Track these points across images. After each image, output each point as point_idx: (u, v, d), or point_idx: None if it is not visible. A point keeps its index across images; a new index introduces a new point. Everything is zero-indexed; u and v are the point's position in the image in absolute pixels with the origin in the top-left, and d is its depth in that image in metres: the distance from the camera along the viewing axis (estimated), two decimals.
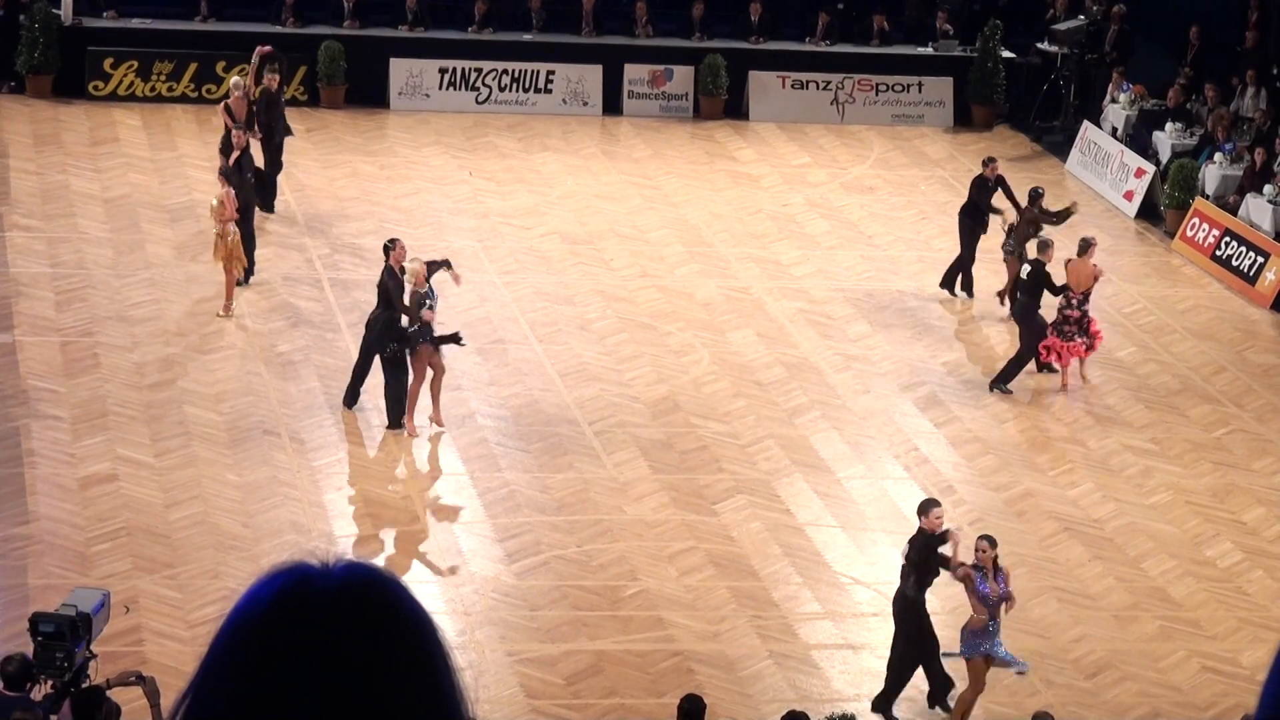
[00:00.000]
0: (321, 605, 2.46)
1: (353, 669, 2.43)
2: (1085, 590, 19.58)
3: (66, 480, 20.36)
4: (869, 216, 29.40)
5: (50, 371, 22.69)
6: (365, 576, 2.50)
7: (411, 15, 33.29)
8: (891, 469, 21.88)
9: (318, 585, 2.47)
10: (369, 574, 2.51)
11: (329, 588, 2.48)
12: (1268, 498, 21.84)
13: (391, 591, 2.51)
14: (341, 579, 2.49)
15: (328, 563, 2.51)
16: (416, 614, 2.51)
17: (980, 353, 25.17)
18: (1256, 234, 27.94)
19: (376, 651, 2.45)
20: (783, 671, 17.90)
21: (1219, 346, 25.74)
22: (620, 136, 32.41)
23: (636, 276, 26.68)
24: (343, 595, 2.47)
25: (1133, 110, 31.90)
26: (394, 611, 2.49)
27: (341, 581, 2.48)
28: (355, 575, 2.49)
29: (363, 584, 2.49)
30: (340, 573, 2.49)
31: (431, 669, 2.49)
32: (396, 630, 2.47)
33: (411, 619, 2.50)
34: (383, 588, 2.50)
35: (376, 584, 2.50)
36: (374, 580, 2.51)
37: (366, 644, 2.45)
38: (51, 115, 31.14)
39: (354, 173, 29.76)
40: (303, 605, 2.46)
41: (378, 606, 2.48)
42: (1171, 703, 17.95)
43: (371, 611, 2.47)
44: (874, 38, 34.28)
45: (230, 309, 24.30)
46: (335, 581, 2.48)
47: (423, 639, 2.49)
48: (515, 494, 20.73)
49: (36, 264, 25.64)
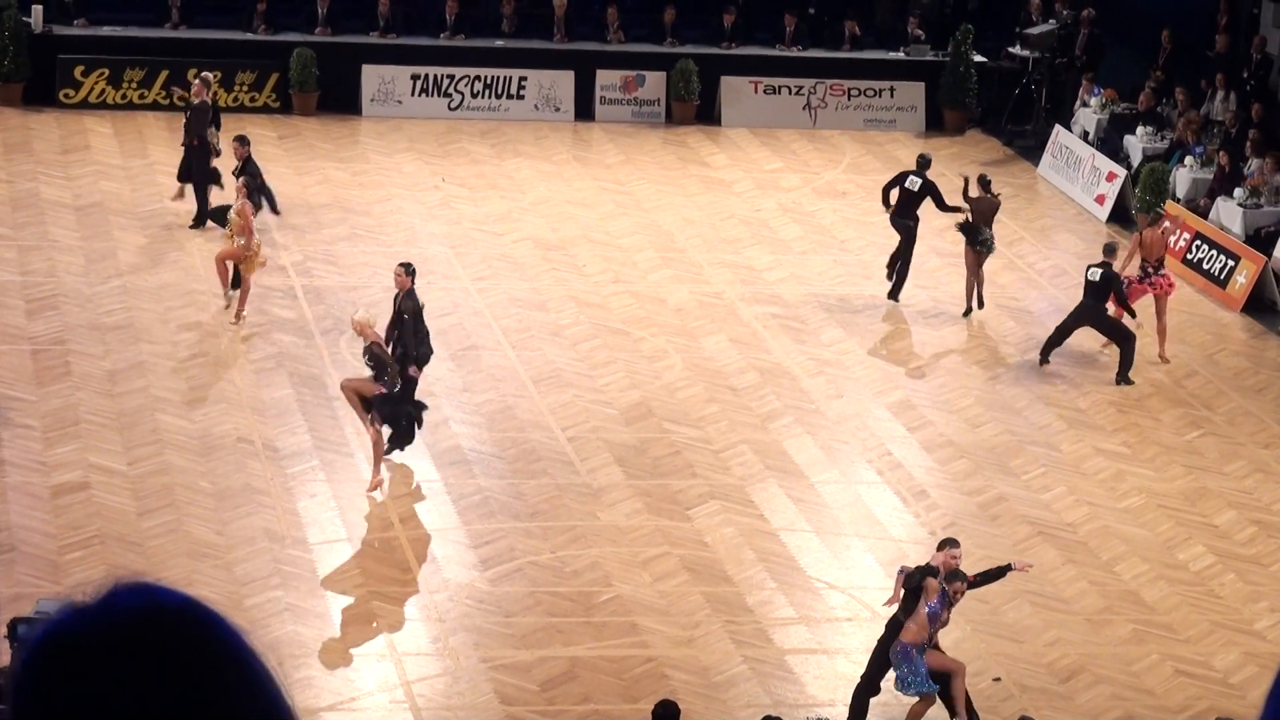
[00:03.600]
0: (96, 644, 2.38)
1: (142, 705, 2.35)
2: (1058, 594, 19.60)
3: (38, 489, 20.29)
4: (841, 221, 29.43)
5: (21, 380, 22.63)
6: (145, 603, 2.41)
7: (383, 21, 33.26)
8: (865, 474, 21.90)
9: (90, 623, 2.40)
10: (149, 599, 2.42)
11: (103, 622, 2.40)
12: (1239, 501, 21.89)
13: (176, 613, 2.42)
14: (120, 611, 2.40)
15: (100, 594, 2.43)
16: (210, 633, 2.42)
17: (953, 357, 25.20)
18: (1227, 237, 28.01)
19: (163, 683, 2.36)
20: (757, 677, 17.89)
21: (1190, 350, 25.80)
22: (592, 142, 32.42)
23: (609, 282, 26.68)
24: (119, 629, 2.39)
25: (1104, 114, 31.98)
26: (180, 635, 2.40)
27: (119, 614, 2.40)
28: (133, 605, 2.41)
29: (141, 613, 2.40)
30: (120, 602, 2.41)
31: (229, 689, 2.39)
32: (187, 655, 2.38)
33: (203, 640, 2.41)
34: (166, 611, 2.41)
35: (158, 607, 2.41)
36: (155, 604, 2.41)
37: (149, 677, 2.36)
38: (22, 123, 31.06)
39: (326, 179, 29.73)
40: (67, 648, 2.39)
41: (160, 633, 2.39)
42: (1145, 706, 17.97)
43: (151, 640, 2.39)
44: (846, 43, 34.32)
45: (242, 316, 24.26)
46: (112, 615, 2.41)
47: (218, 658, 2.40)
48: (489, 500, 20.71)
49: (7, 272, 25.57)
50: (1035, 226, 29.99)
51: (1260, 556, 20.74)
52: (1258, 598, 19.91)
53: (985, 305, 26.19)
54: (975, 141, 33.25)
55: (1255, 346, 26.22)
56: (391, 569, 19.46)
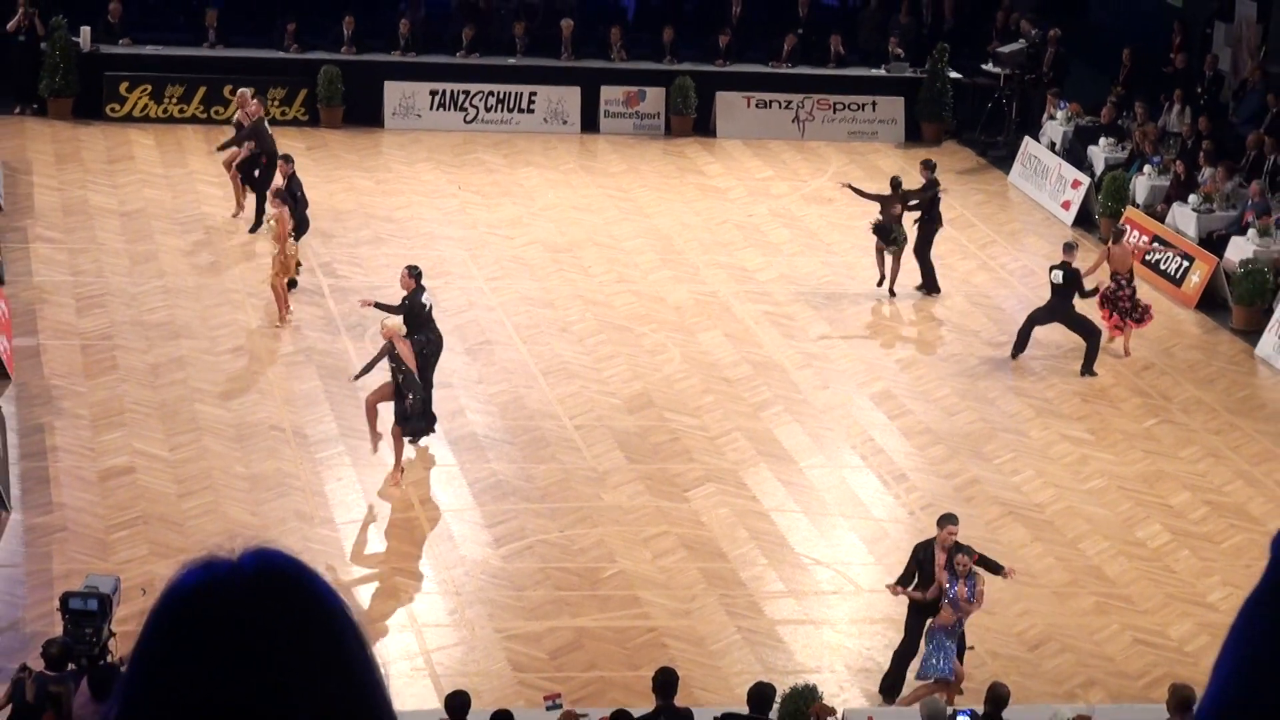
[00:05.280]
0: (232, 598, 2.40)
1: (268, 655, 2.38)
2: (1027, 569, 19.61)
3: (87, 473, 20.32)
4: (828, 226, 29.43)
5: (72, 373, 22.65)
6: (274, 565, 2.44)
7: (404, 41, 33.26)
8: (849, 458, 21.91)
9: (227, 578, 2.42)
10: (277, 562, 2.45)
11: (240, 579, 2.42)
12: (1193, 483, 21.90)
13: (299, 577, 2.45)
14: (252, 569, 2.43)
15: (238, 554, 2.45)
16: (324, 597, 2.45)
17: (930, 351, 25.22)
18: (1182, 240, 28.01)
19: (289, 636, 2.39)
20: (750, 646, 17.91)
21: (1148, 344, 25.80)
22: (597, 153, 32.41)
23: (613, 282, 26.69)
24: (254, 585, 2.42)
25: (1069, 126, 31.97)
26: (302, 597, 2.43)
27: (252, 572, 2.43)
28: (264, 564, 2.44)
29: (271, 573, 2.43)
30: (249, 563, 2.44)
31: (340, 648, 2.43)
32: (306, 615, 2.41)
33: (318, 602, 2.44)
34: (290, 574, 2.44)
35: (284, 571, 2.44)
36: (282, 568, 2.44)
37: (279, 630, 2.39)
38: (71, 135, 31.07)
39: (351, 187, 29.73)
40: (215, 598, 2.40)
41: (287, 593, 2.42)
42: (1106, 672, 18.00)
43: (281, 599, 2.41)
44: (831, 60, 34.32)
45: (287, 317, 24.19)
46: (245, 573, 2.43)
47: (330, 620, 2.44)
48: (502, 483, 20.73)
49: (58, 273, 25.59)
50: (1006, 230, 29.99)
51: (1212, 534, 20.76)
52: (1210, 573, 19.92)
53: (897, 295, 26.34)
54: (951, 152, 33.24)
55: (1208, 341, 26.23)
56: (412, 546, 19.49)
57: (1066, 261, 24.36)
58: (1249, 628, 2.33)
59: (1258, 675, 2.28)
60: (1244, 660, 2.30)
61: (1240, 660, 2.31)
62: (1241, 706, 2.28)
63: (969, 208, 30.52)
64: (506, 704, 15.55)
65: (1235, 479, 22.04)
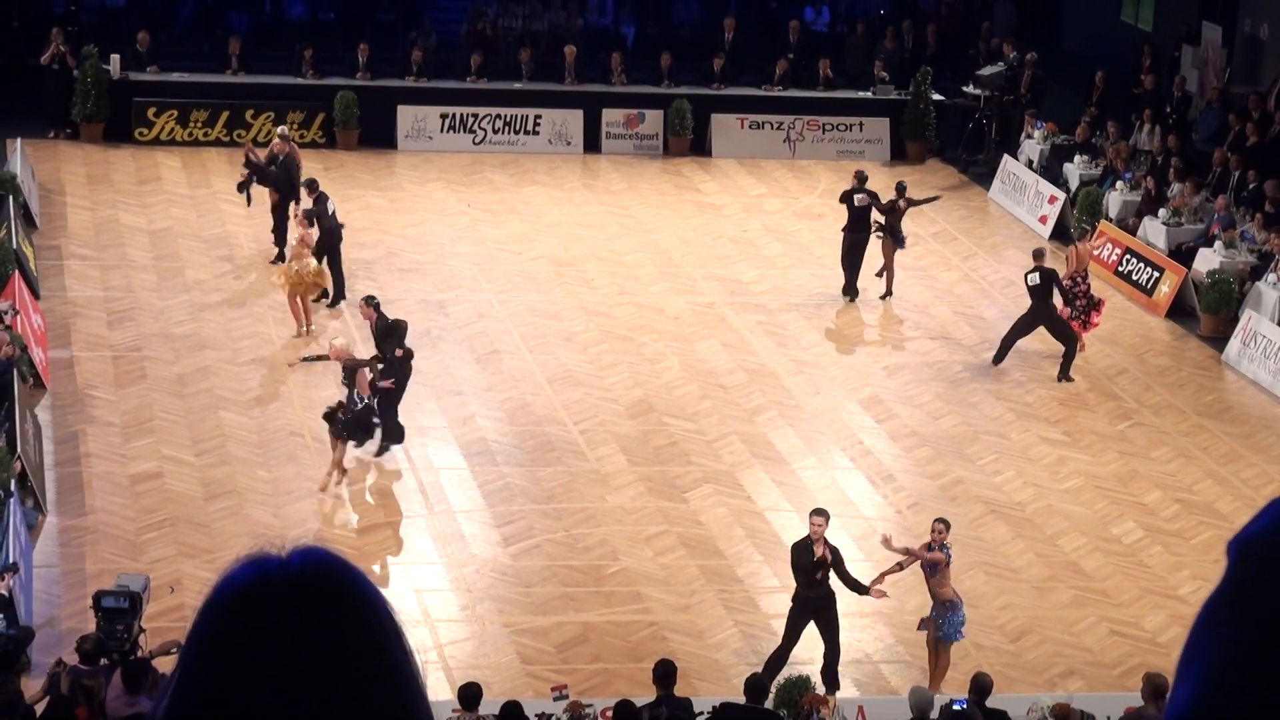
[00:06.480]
0: (281, 594, 2.37)
1: (314, 649, 2.35)
2: (1009, 564, 19.59)
3: (118, 477, 20.30)
4: (818, 240, 29.40)
5: (103, 382, 22.63)
6: (322, 563, 2.41)
7: (416, 67, 33.26)
8: (839, 460, 21.88)
9: (277, 574, 2.39)
10: (324, 560, 2.42)
11: (288, 576, 2.39)
12: (1164, 482, 21.88)
13: (345, 576, 2.42)
14: (299, 567, 2.40)
15: (285, 551, 2.42)
16: (369, 595, 2.42)
17: (915, 358, 25.18)
18: (1153, 252, 27.99)
19: (335, 631, 2.36)
20: (746, 639, 17.88)
21: (1121, 351, 25.78)
22: (599, 172, 32.39)
23: (615, 294, 26.66)
24: (302, 581, 2.38)
25: (1046, 145, 31.95)
26: (348, 595, 2.39)
27: (299, 569, 2.40)
28: (312, 562, 2.40)
29: (318, 570, 2.42)
30: (298, 561, 2.41)
31: (382, 645, 2.39)
32: (351, 612, 2.38)
33: (363, 600, 2.41)
34: (337, 572, 2.41)
35: (331, 569, 2.41)
36: (329, 566, 2.41)
37: (325, 625, 2.36)
38: (102, 158, 31.06)
39: (366, 206, 29.71)
40: (265, 592, 2.38)
41: (333, 591, 2.39)
42: (1084, 662, 17.97)
43: (328, 596, 2.38)
44: (820, 84, 34.32)
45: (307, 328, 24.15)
46: (293, 570, 2.40)
47: (373, 618, 2.40)
48: (510, 485, 20.70)
49: (91, 288, 25.57)
50: (987, 244, 29.96)
51: (1183, 531, 20.72)
52: (1181, 567, 19.89)
53: (894, 294, 26.54)
54: (934, 169, 33.22)
55: (1177, 347, 26.20)
56: (424, 545, 19.46)
57: (1039, 265, 24.32)
58: (1214, 631, 2.27)
59: (1225, 680, 2.23)
60: (1211, 666, 2.25)
61: (1208, 666, 2.25)
62: (1212, 713, 2.23)
63: (951, 222, 30.49)
64: (516, 695, 15.51)
65: (1204, 478, 22.00)
